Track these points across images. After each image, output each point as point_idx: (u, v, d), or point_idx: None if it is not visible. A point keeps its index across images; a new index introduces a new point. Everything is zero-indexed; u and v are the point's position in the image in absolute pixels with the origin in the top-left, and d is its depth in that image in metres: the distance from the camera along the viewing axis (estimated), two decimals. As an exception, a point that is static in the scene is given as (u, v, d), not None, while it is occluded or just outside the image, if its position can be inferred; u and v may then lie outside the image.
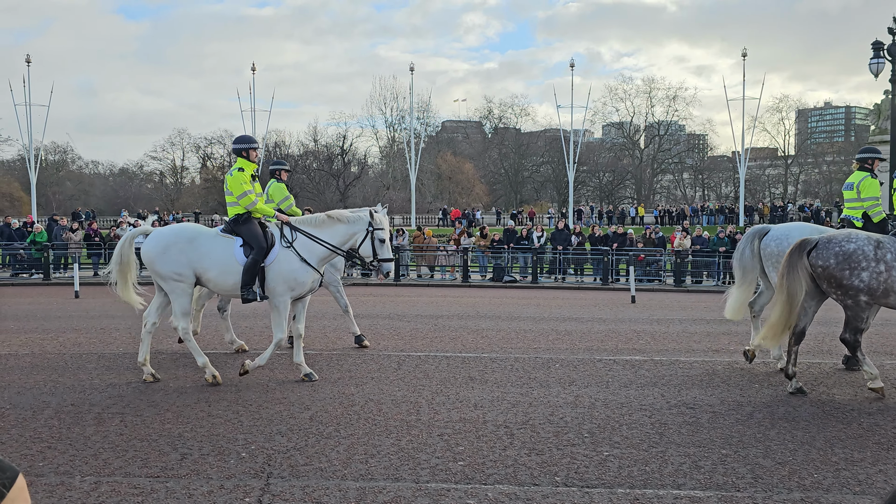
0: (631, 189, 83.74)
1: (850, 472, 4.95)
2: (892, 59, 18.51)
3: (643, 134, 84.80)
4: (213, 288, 7.91)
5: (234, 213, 7.70)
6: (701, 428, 5.95)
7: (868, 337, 10.61)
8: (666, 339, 10.43)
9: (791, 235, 8.12)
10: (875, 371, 7.02)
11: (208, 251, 7.48)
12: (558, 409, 6.49)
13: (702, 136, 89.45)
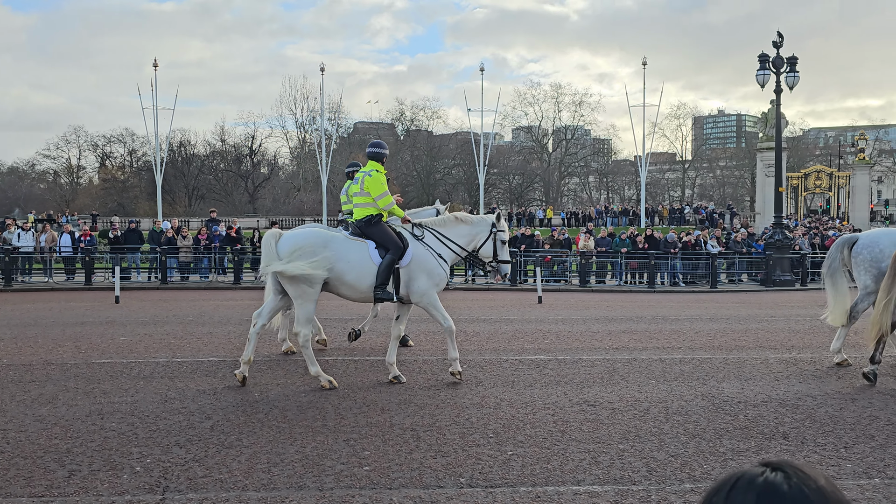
0: (540, 191, 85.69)
1: (736, 462, 5.23)
2: (776, 70, 19.78)
3: (551, 138, 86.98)
4: (345, 292, 7.65)
5: (366, 213, 7.68)
6: (601, 424, 6.15)
7: (756, 332, 11.30)
8: (570, 338, 10.73)
9: (880, 241, 8.40)
10: (872, 368, 7.54)
11: (345, 254, 7.37)
12: (464, 410, 6.56)
13: (606, 141, 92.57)
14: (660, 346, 9.91)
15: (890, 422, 6.18)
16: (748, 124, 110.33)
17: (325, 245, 7.34)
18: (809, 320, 12.58)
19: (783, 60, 19.70)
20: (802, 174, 44.98)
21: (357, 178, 8.07)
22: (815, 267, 23.37)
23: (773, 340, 10.49)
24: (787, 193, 41.05)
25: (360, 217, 7.74)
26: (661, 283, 21.99)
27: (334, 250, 7.33)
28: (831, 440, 5.70)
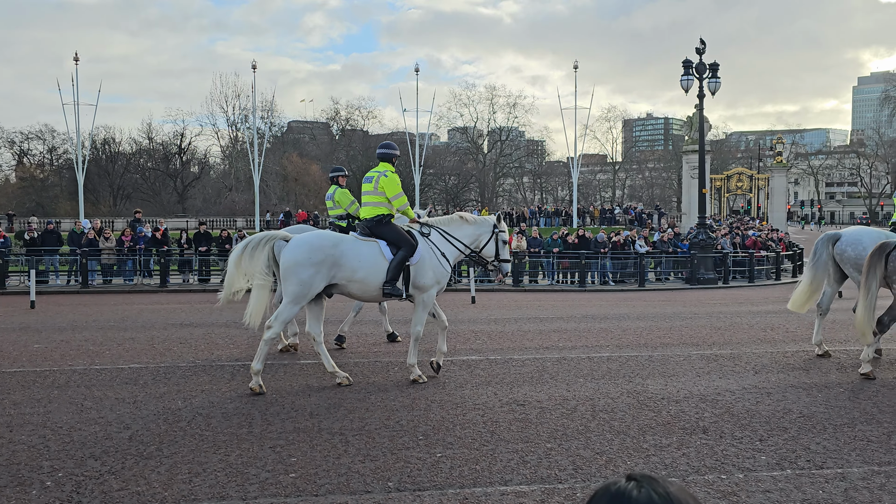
0: (475, 192, 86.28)
1: (658, 458, 5.37)
2: (699, 76, 20.46)
3: (486, 139, 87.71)
4: (355, 290, 7.72)
5: (376, 213, 7.77)
6: (529, 424, 6.22)
7: (679, 329, 11.64)
8: (501, 338, 10.83)
9: (862, 239, 8.90)
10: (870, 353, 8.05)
11: (359, 255, 7.48)
12: (395, 412, 6.52)
13: (540, 143, 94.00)
14: (588, 345, 10.10)
15: (802, 414, 6.46)
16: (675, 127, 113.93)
17: (336, 245, 7.44)
18: (730, 317, 13.07)
19: (706, 66, 20.42)
20: (725, 176, 46.68)
21: (369, 177, 8.06)
22: (737, 265, 24.32)
23: (695, 337, 10.84)
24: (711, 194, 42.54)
25: (370, 216, 7.82)
26: (592, 282, 22.44)
27: (345, 250, 7.45)
28: (748, 433, 5.91)
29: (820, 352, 9.14)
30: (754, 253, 24.73)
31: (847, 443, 5.66)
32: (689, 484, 4.82)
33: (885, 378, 7.89)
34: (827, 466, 5.15)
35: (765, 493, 4.67)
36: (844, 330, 11.46)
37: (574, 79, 47.33)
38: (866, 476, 4.96)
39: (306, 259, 7.28)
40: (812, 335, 9.40)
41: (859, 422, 6.22)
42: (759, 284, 23.21)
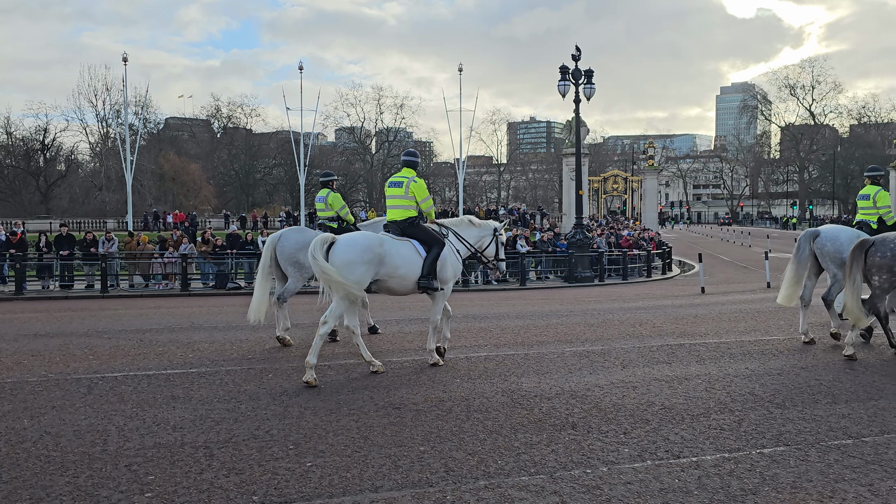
0: (363, 192, 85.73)
1: (528, 455, 5.46)
2: (575, 82, 21.24)
3: (374, 139, 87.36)
4: (394, 285, 8.39)
5: (408, 215, 8.60)
6: (404, 427, 6.17)
7: (556, 327, 11.98)
8: (381, 340, 10.74)
9: (839, 236, 9.88)
10: (854, 337, 9.06)
11: (399, 253, 8.24)
12: (265, 422, 6.29)
13: (427, 144, 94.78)
14: (467, 345, 10.20)
15: (663, 406, 6.78)
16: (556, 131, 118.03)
17: (381, 244, 8.12)
18: (603, 314, 13.61)
19: (581, 73, 21.24)
20: (602, 178, 48.82)
21: (397, 182, 8.79)
22: (612, 264, 25.46)
23: (569, 335, 11.19)
24: (589, 196, 44.34)
25: (402, 218, 8.63)
26: (476, 281, 22.78)
27: (388, 249, 8.16)
28: (613, 427, 6.13)
29: (806, 339, 10.06)
30: (627, 252, 25.96)
31: (702, 432, 5.98)
32: (556, 480, 4.93)
33: (739, 369, 8.44)
34: (683, 456, 5.41)
35: (626, 485, 4.84)
36: (705, 324, 12.20)
37: (459, 81, 48.07)
38: (718, 463, 5.25)
39: (359, 258, 7.90)
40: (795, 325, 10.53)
41: (714, 411, 6.59)
42: (632, 281, 24.39)
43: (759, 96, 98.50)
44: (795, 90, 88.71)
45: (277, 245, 10.28)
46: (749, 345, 10.04)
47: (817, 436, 5.84)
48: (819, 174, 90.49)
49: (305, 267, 9.90)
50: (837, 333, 10.07)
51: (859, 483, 4.81)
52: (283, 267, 10.36)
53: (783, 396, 7.09)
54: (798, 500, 4.54)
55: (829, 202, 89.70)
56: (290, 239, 10.33)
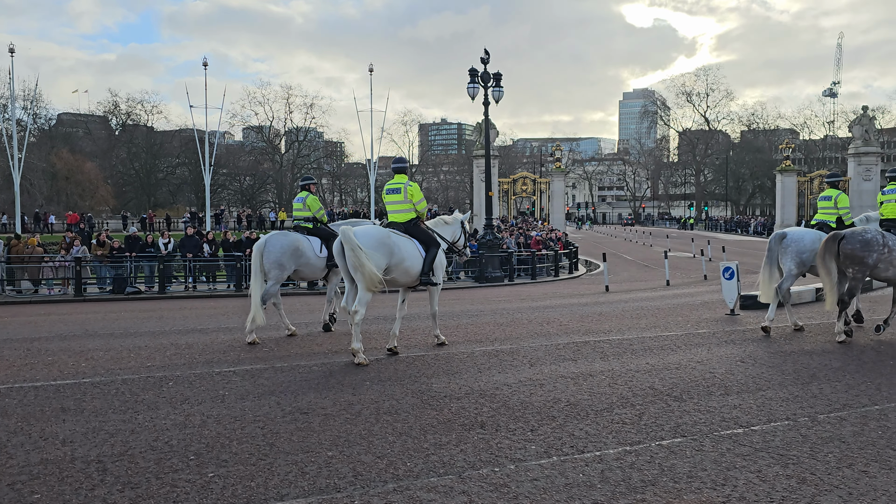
0: (272, 193, 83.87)
1: (437, 456, 5.46)
2: (484, 85, 21.51)
3: (283, 139, 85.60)
4: (399, 275, 9.26)
5: (409, 217, 9.59)
6: (312, 433, 6.04)
7: (465, 327, 12.07)
8: (290, 344, 10.52)
9: (804, 238, 11.04)
10: (842, 326, 10.16)
11: (404, 247, 9.25)
12: (164, 432, 6.02)
13: (339, 144, 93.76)
14: (378, 347, 10.11)
15: (569, 402, 6.94)
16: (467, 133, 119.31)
17: (389, 235, 9.18)
18: (512, 313, 13.83)
19: (490, 76, 21.54)
20: (511, 180, 49.71)
21: (395, 188, 9.71)
22: (521, 263, 25.93)
23: (479, 334, 11.31)
24: (500, 197, 45.04)
25: (405, 220, 9.60)
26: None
27: (397, 243, 9.19)
28: (520, 425, 6.22)
29: (795, 326, 11.23)
30: (536, 252, 26.52)
31: (605, 426, 6.16)
32: (465, 480, 4.95)
33: (640, 364, 8.75)
34: (588, 450, 5.55)
35: (533, 482, 4.92)
36: (609, 322, 12.60)
37: (370, 82, 47.79)
38: (620, 456, 5.41)
39: (376, 246, 8.91)
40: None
41: (616, 406, 6.81)
42: (540, 281, 24.93)
43: (659, 102, 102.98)
44: (691, 97, 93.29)
45: (264, 249, 10.99)
46: (650, 341, 10.44)
47: (711, 426, 6.12)
48: (714, 177, 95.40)
49: (286, 268, 11.08)
50: (768, 328, 10.96)
51: (749, 470, 5.08)
52: (267, 269, 10.97)
53: (680, 389, 7.40)
54: (694, 489, 4.74)
55: (722, 203, 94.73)
56: (276, 243, 11.08)
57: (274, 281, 11.01)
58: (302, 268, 11.30)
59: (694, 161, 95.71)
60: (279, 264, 10.96)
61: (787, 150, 52.96)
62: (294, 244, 11.10)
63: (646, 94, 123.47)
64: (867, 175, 47.93)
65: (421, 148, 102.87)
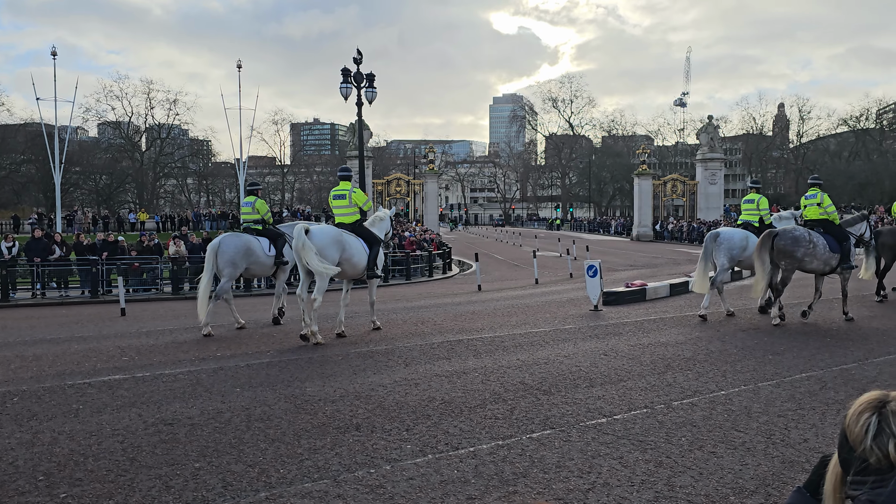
0: (132, 193, 79.07)
1: (312, 461, 5.36)
2: (357, 85, 21.38)
3: (144, 136, 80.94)
4: (348, 268, 10.62)
5: (355, 219, 10.99)
6: (177, 444, 5.75)
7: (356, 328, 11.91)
8: (153, 352, 9.96)
9: (734, 236, 12.59)
10: (777, 311, 11.54)
11: (353, 244, 10.64)
12: (9, 452, 5.52)
13: (205, 142, 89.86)
14: (248, 352, 9.81)
15: (444, 400, 7.03)
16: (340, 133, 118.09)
17: (342, 234, 10.61)
18: (387, 314, 13.82)
19: (363, 76, 21.42)
20: (385, 181, 49.70)
21: (340, 194, 11.15)
22: (396, 264, 25.98)
23: (353, 336, 11.20)
24: (374, 198, 44.91)
25: (351, 221, 11.04)
26: (259, 286, 22.01)
27: (348, 240, 10.61)
28: (396, 425, 6.23)
29: (728, 312, 12.64)
30: (410, 253, 26.67)
31: (479, 422, 6.29)
32: (340, 483, 4.89)
33: (511, 360, 9.02)
34: (462, 447, 5.65)
35: (408, 481, 4.94)
36: (481, 320, 12.89)
37: (238, 79, 46.17)
38: (493, 451, 5.55)
39: (331, 242, 10.35)
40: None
41: (489, 402, 6.97)
42: (414, 281, 25.09)
43: (527, 107, 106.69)
44: (557, 103, 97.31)
45: (219, 249, 11.77)
46: (520, 337, 10.78)
47: (577, 417, 6.41)
48: (578, 180, 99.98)
49: (239, 267, 11.98)
50: (705, 316, 12.21)
51: (612, 457, 5.36)
52: (221, 268, 11.76)
53: (549, 384, 7.70)
54: (562, 479, 4.94)
55: (586, 205, 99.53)
56: (230, 243, 11.93)
57: (227, 278, 11.87)
58: (252, 266, 12.27)
59: (560, 164, 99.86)
60: (233, 263, 11.80)
61: (644, 156, 56.44)
62: (246, 244, 12.01)
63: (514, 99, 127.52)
64: (713, 179, 52.03)
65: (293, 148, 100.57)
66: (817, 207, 12.17)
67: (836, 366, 8.40)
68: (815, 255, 11.51)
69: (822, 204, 12.12)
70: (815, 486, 1.86)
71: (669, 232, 50.88)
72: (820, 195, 12.20)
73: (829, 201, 12.24)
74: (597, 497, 4.60)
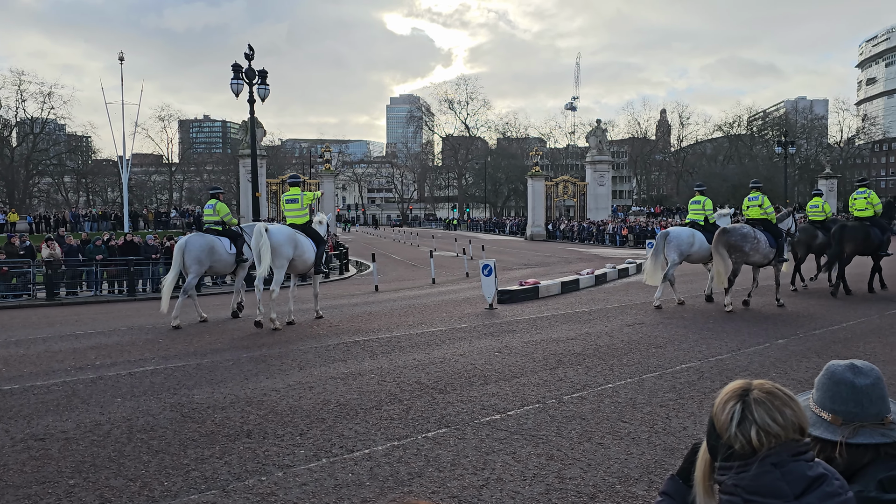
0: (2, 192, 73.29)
1: (199, 472, 5.14)
2: (249, 81, 20.75)
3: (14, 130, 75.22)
4: (299, 265, 12.35)
5: (305, 220, 12.53)
6: (50, 460, 5.37)
7: (231, 332, 11.53)
8: (23, 362, 9.26)
9: (681, 234, 13.90)
10: (729, 300, 12.85)
11: (305, 243, 12.24)
12: None
13: (85, 138, 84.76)
14: (131, 360, 9.30)
15: (339, 403, 6.93)
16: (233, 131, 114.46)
17: (296, 233, 12.06)
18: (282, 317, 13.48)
19: (255, 73, 20.79)
20: (280, 181, 48.56)
21: (293, 199, 12.57)
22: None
23: (245, 340, 10.87)
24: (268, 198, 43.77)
25: (302, 223, 12.48)
26: (144, 290, 20.98)
27: (301, 240, 12.08)
28: (289, 430, 6.08)
29: (679, 301, 13.90)
30: (306, 254, 26.12)
31: (374, 424, 6.24)
32: (229, 493, 4.72)
33: (408, 360, 9.01)
34: (357, 449, 5.58)
35: (301, 487, 4.82)
36: (378, 320, 12.82)
37: (120, 72, 43.69)
38: (388, 452, 5.52)
39: (287, 240, 11.80)
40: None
41: (385, 403, 6.93)
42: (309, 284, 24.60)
43: (424, 108, 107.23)
44: (453, 104, 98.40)
45: (185, 248, 12.82)
46: (417, 337, 10.80)
47: (472, 415, 6.48)
48: (474, 181, 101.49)
49: (204, 264, 12.99)
50: (660, 305, 13.40)
51: (505, 452, 5.45)
52: (188, 265, 12.82)
53: (445, 382, 7.75)
54: (456, 476, 4.97)
55: (482, 205, 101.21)
56: (195, 243, 12.96)
57: (194, 275, 12.94)
58: (215, 264, 13.27)
59: (456, 165, 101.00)
60: (198, 261, 12.87)
61: (537, 157, 57.97)
62: (210, 244, 13.03)
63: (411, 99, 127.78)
64: (601, 181, 54.18)
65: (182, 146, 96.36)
66: (759, 209, 13.82)
67: (713, 356, 8.93)
68: (758, 249, 13.14)
69: (762, 206, 13.77)
70: (686, 473, 1.95)
71: (561, 232, 52.54)
72: (761, 198, 13.81)
73: (768, 203, 13.91)
74: (490, 493, 4.66)
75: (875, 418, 1.96)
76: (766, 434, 1.68)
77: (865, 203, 15.65)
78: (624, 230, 45.44)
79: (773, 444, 1.68)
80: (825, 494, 1.64)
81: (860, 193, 15.83)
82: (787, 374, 7.89)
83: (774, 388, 1.76)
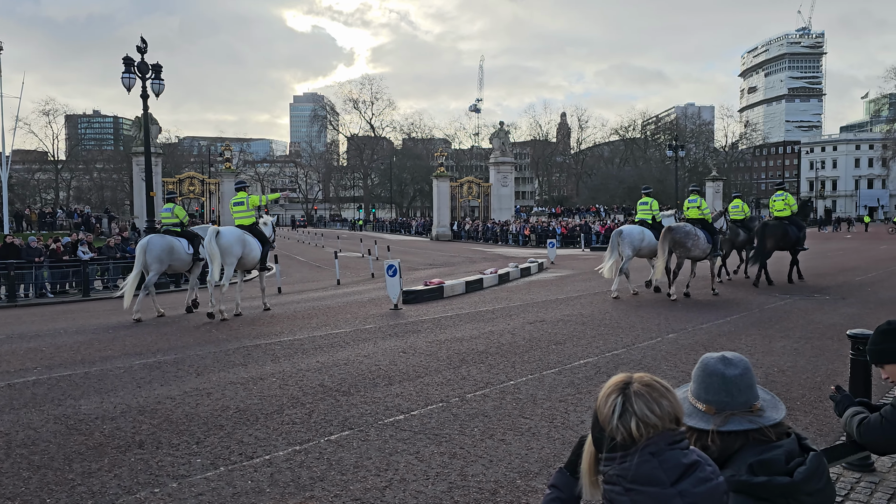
0: None
1: (85, 487, 4.87)
2: (142, 76, 19.82)
3: None
4: (247, 261, 13.68)
5: (251, 221, 13.98)
6: (-86, 482, 4.94)
7: (123, 339, 10.99)
8: None
9: (633, 232, 15.55)
10: (674, 290, 14.62)
11: (252, 242, 13.60)
12: None
13: (-44, 133, 78.33)
14: (10, 370, 8.70)
15: (238, 409, 6.74)
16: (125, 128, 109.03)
17: (244, 234, 13.54)
18: (177, 321, 12.96)
19: (148, 66, 19.86)
20: (177, 180, 46.73)
21: (239, 202, 13.93)
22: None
23: (139, 346, 10.39)
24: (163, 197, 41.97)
25: (249, 224, 13.90)
26: (25, 295, 19.67)
27: (248, 240, 13.49)
28: (185, 438, 5.86)
29: (633, 292, 15.40)
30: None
31: (275, 429, 6.11)
32: (119, 507, 4.50)
33: (311, 363, 8.87)
34: (257, 455, 5.45)
35: (197, 497, 4.66)
36: (280, 323, 12.56)
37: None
38: (290, 457, 5.41)
39: (237, 241, 13.17)
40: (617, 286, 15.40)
41: (287, 407, 6.80)
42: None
43: (328, 108, 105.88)
44: (358, 104, 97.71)
45: (147, 248, 13.70)
46: (320, 339, 10.65)
47: (376, 416, 6.46)
48: (380, 181, 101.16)
49: (164, 263, 13.91)
50: (618, 296, 14.70)
51: (409, 452, 5.47)
52: (149, 264, 13.69)
53: (348, 384, 7.68)
54: (359, 479, 4.94)
55: (388, 206, 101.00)
56: (156, 243, 13.88)
57: (154, 273, 13.81)
58: (174, 262, 14.20)
59: (362, 165, 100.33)
60: (159, 259, 13.77)
61: (442, 158, 58.44)
62: (170, 244, 14.00)
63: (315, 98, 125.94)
64: (504, 182, 55.23)
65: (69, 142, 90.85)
66: (697, 210, 15.68)
67: (609, 352, 9.29)
68: (698, 245, 14.84)
69: (700, 207, 15.67)
70: (574, 466, 2.02)
71: (466, 232, 53.19)
72: (699, 200, 15.80)
73: (706, 205, 15.92)
74: (393, 494, 4.66)
75: (744, 406, 2.10)
76: (644, 425, 1.77)
77: (783, 204, 17.68)
78: (526, 230, 46.57)
79: (652, 434, 1.77)
80: (698, 480, 1.74)
81: (779, 196, 17.83)
82: (678, 366, 8.31)
83: (653, 380, 1.85)
